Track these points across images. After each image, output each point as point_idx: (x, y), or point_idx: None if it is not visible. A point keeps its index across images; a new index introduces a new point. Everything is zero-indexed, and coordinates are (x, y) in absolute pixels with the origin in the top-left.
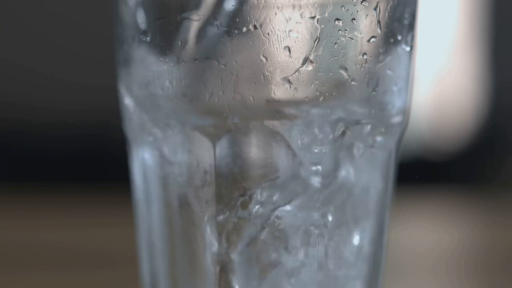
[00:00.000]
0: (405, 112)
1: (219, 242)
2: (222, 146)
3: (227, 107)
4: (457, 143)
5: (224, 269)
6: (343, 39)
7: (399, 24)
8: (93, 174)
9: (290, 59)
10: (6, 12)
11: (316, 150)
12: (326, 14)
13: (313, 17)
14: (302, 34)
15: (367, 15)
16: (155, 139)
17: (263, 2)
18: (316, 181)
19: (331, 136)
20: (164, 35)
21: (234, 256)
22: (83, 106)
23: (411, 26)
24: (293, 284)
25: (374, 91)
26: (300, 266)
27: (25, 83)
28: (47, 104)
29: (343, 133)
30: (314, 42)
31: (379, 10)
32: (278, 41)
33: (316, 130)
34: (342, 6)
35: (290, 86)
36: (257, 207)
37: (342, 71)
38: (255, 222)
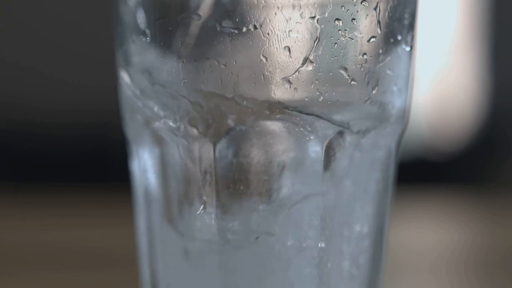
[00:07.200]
0: (405, 112)
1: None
2: (222, 146)
3: (227, 107)
4: (457, 143)
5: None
6: (343, 39)
7: (399, 24)
8: (93, 174)
9: (290, 59)
10: (6, 12)
11: (315, 150)
12: (326, 14)
13: (313, 17)
14: (302, 34)
15: (367, 15)
16: (155, 139)
17: (263, 2)
18: (315, 180)
19: (331, 136)
20: (164, 35)
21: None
22: (83, 106)
23: (411, 26)
24: (293, 284)
25: (374, 91)
26: (300, 266)
27: (25, 83)
28: (47, 104)
29: (343, 133)
30: (314, 42)
31: (379, 10)
32: (278, 41)
33: (316, 130)
34: (342, 6)
35: (290, 86)
36: (256, 207)
37: (342, 71)
38: (255, 222)
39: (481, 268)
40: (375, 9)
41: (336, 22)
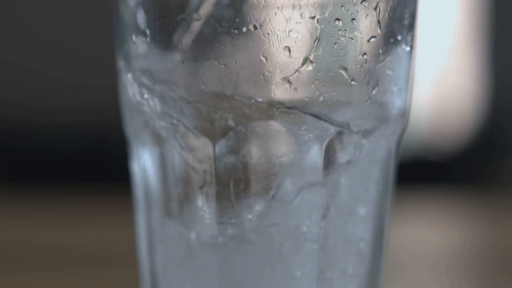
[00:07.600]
0: (405, 112)
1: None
2: (222, 146)
3: (227, 107)
4: (457, 143)
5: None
6: (343, 39)
7: (399, 24)
8: (93, 174)
9: (290, 59)
10: (6, 12)
11: (315, 150)
12: (326, 14)
13: (313, 17)
14: (302, 34)
15: (367, 15)
16: (155, 139)
17: (263, 2)
18: (315, 180)
19: (331, 136)
20: (164, 35)
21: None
22: (83, 106)
23: (411, 26)
24: (293, 285)
25: (374, 91)
26: (299, 265)
27: (25, 83)
28: (47, 104)
29: (343, 133)
30: (314, 42)
31: (379, 10)
32: (278, 41)
33: (316, 130)
34: (342, 6)
35: (290, 86)
36: (256, 206)
37: (342, 71)
38: (255, 222)
39: (481, 268)
40: (375, 9)
41: (336, 22)
